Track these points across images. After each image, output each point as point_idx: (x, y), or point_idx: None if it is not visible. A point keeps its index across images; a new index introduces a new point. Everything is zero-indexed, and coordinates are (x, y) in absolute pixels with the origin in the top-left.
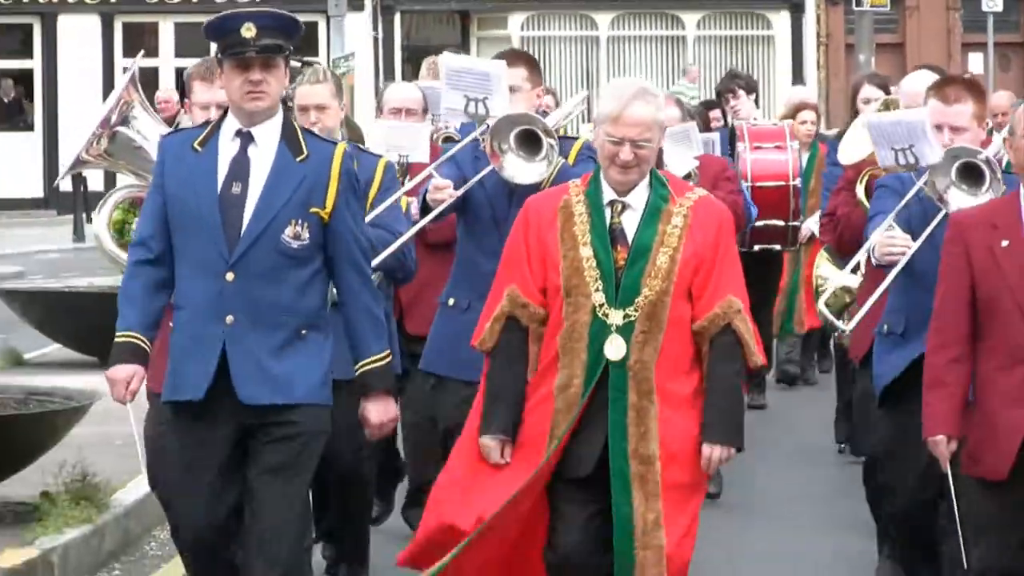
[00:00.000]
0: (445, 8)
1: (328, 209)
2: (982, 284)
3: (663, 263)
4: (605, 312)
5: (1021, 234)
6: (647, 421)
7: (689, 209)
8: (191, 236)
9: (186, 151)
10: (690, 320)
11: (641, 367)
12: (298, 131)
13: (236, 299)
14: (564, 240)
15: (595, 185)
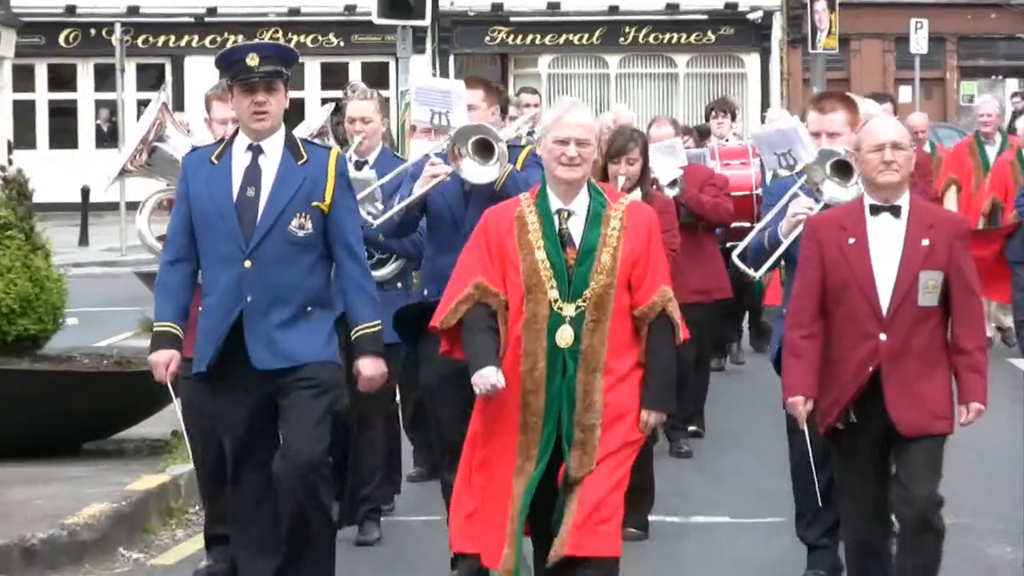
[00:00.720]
0: (488, 51)
1: (327, 203)
2: (832, 275)
3: (606, 261)
4: (560, 306)
5: (865, 234)
6: (592, 395)
7: (624, 213)
8: (213, 235)
9: (204, 165)
10: (630, 307)
11: (591, 351)
12: (298, 141)
13: (254, 281)
14: (521, 245)
15: (543, 197)
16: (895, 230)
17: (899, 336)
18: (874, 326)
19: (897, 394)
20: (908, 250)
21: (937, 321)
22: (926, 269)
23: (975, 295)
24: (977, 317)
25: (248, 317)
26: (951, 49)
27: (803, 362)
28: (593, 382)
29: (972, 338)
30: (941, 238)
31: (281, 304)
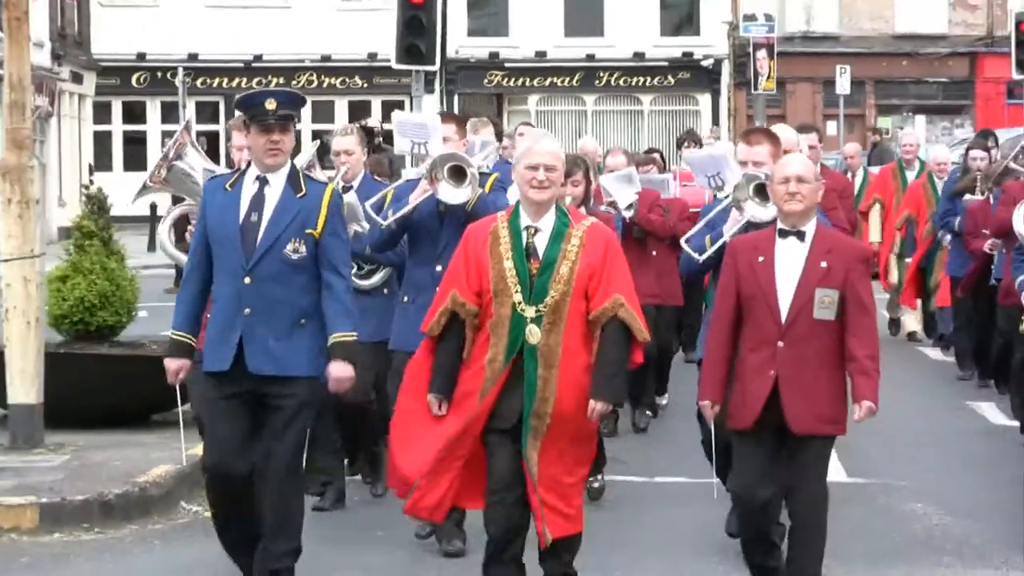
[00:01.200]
0: (486, 92)
1: (318, 230)
2: (744, 289)
3: (564, 272)
4: (522, 308)
5: (772, 254)
6: (548, 388)
7: (584, 233)
8: (222, 250)
9: (219, 191)
10: (586, 313)
11: (548, 349)
12: (300, 176)
13: (251, 295)
14: (493, 256)
15: (516, 215)
16: (799, 252)
17: (795, 344)
18: (774, 334)
19: (792, 396)
20: (808, 270)
21: (833, 333)
22: (822, 287)
23: (868, 312)
24: (869, 330)
25: (246, 327)
26: (870, 90)
27: (715, 371)
28: (550, 377)
29: (863, 347)
30: (839, 262)
31: (276, 317)
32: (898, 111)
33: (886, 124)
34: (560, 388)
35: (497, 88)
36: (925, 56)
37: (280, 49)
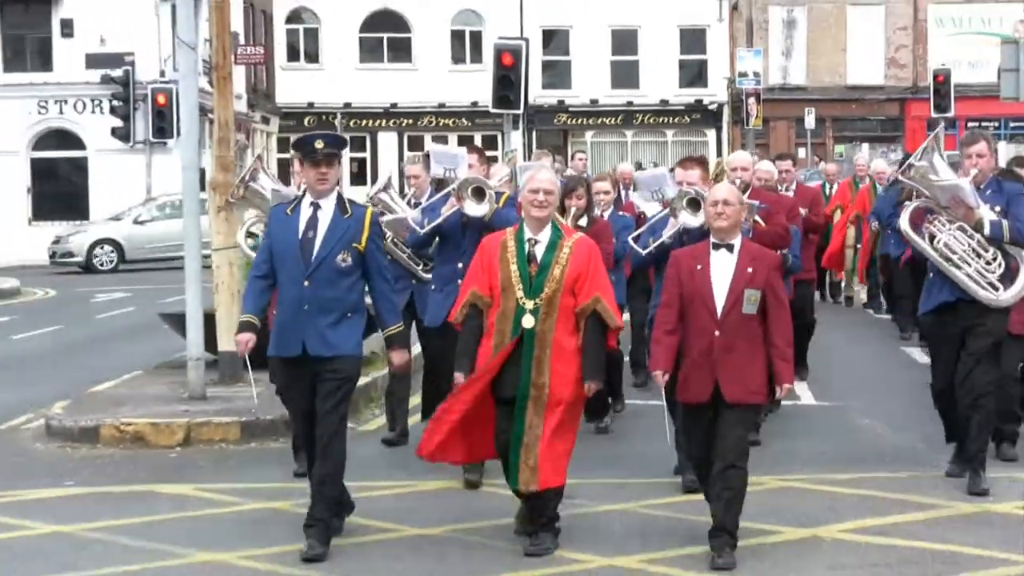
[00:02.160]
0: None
1: (362, 244)
2: (686, 291)
3: (556, 274)
4: (523, 301)
5: (708, 263)
6: (544, 365)
7: (573, 244)
8: (284, 263)
9: (282, 215)
10: (573, 307)
11: (543, 334)
12: (346, 200)
13: (310, 296)
14: (502, 261)
15: (521, 230)
16: (729, 261)
17: (728, 334)
18: (711, 326)
19: (726, 374)
20: (736, 275)
21: (756, 324)
22: (748, 288)
23: (783, 305)
24: (784, 321)
25: (307, 320)
26: (828, 126)
27: (663, 347)
28: (544, 357)
29: (780, 335)
30: (761, 268)
31: (329, 311)
32: (849, 141)
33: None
34: (552, 364)
35: (563, 126)
36: (868, 101)
37: (409, 98)
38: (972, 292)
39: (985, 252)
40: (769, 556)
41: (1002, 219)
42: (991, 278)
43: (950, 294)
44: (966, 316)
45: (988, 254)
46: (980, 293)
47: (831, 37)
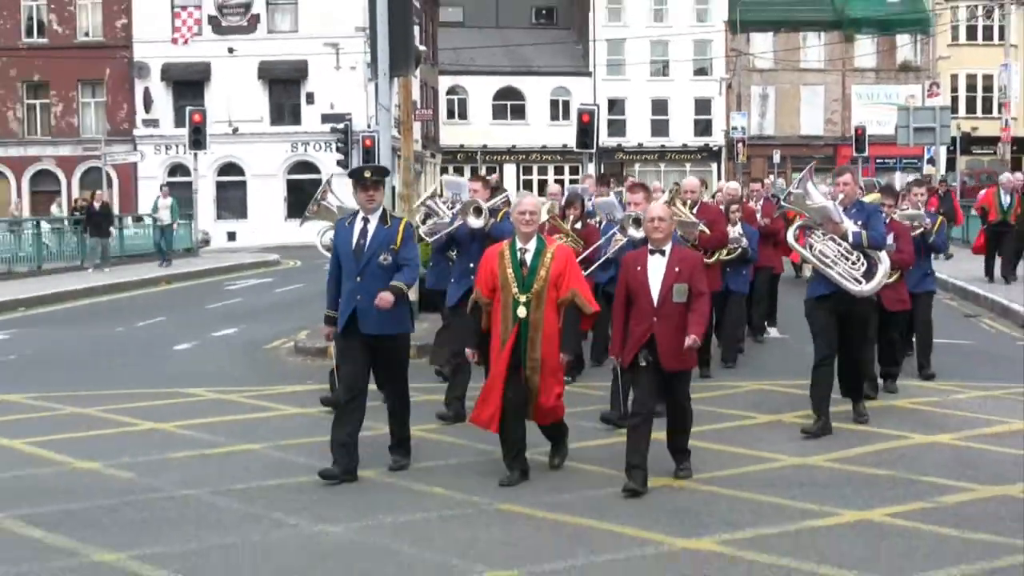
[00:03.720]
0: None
1: (397, 246)
2: (630, 287)
3: (542, 274)
4: (517, 296)
5: (646, 264)
6: (536, 343)
7: (555, 250)
8: (346, 263)
9: (344, 226)
10: (556, 298)
11: (535, 320)
12: (388, 214)
13: (361, 288)
14: (500, 266)
15: (513, 242)
16: (661, 263)
17: (663, 318)
18: (650, 312)
19: (663, 348)
20: (667, 273)
21: (684, 309)
22: (677, 283)
23: (703, 293)
24: (703, 303)
25: (359, 306)
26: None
27: (618, 334)
28: (536, 337)
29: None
30: (686, 267)
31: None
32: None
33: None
34: (543, 343)
35: (620, 160)
36: (812, 145)
37: (523, 143)
38: (843, 286)
39: (851, 255)
40: (749, 432)
41: (862, 230)
42: (856, 275)
43: (827, 288)
44: (840, 304)
45: (853, 256)
46: (848, 286)
47: (789, 105)
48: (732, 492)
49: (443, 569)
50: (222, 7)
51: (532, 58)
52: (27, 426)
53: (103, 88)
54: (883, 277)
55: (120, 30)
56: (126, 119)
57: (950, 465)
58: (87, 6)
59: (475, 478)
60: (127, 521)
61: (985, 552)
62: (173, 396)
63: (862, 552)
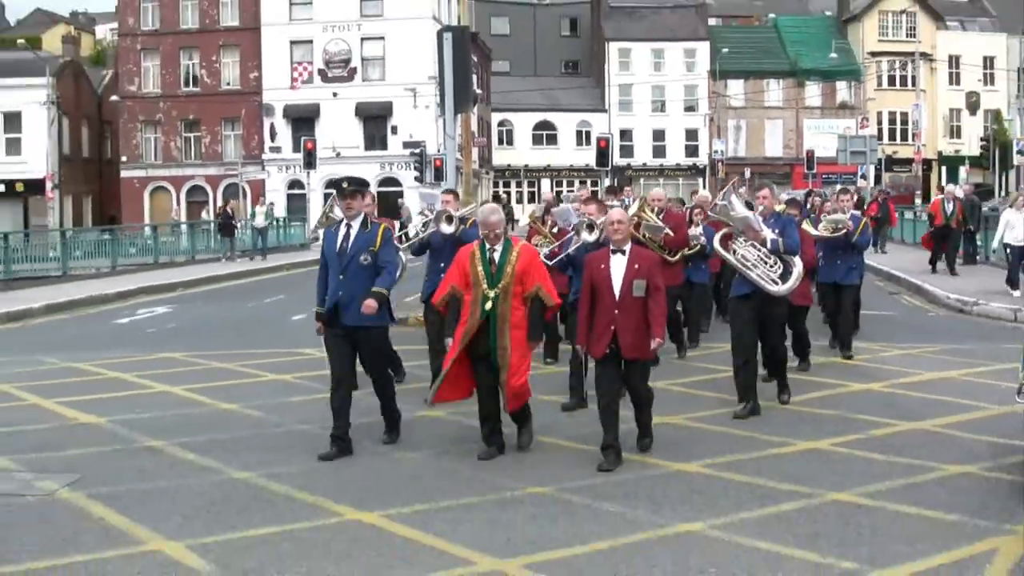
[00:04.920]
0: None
1: (376, 248)
2: (594, 283)
3: (509, 271)
4: (486, 291)
5: (608, 263)
6: (504, 333)
7: (520, 249)
8: (331, 263)
9: (330, 232)
10: (521, 293)
11: (503, 312)
12: (368, 220)
13: (344, 286)
14: (472, 265)
15: (483, 244)
16: (622, 262)
17: (624, 311)
18: (612, 306)
19: (624, 338)
20: (628, 271)
21: (643, 303)
22: (636, 279)
23: (659, 291)
24: (659, 301)
25: (341, 301)
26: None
27: (583, 325)
28: (504, 328)
29: (656, 308)
30: (644, 264)
31: (357, 295)
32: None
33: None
34: (511, 332)
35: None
36: (774, 164)
37: (556, 163)
38: (761, 287)
39: (769, 259)
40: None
41: (779, 238)
42: (773, 276)
43: (748, 288)
44: (758, 302)
45: (771, 260)
46: (767, 287)
47: (756, 134)
48: (713, 428)
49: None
50: (328, 62)
51: (561, 99)
52: (184, 377)
53: (240, 123)
54: (797, 279)
55: (253, 80)
56: (257, 146)
57: (879, 407)
58: (228, 63)
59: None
60: (257, 448)
61: (905, 472)
62: (291, 355)
63: (812, 472)
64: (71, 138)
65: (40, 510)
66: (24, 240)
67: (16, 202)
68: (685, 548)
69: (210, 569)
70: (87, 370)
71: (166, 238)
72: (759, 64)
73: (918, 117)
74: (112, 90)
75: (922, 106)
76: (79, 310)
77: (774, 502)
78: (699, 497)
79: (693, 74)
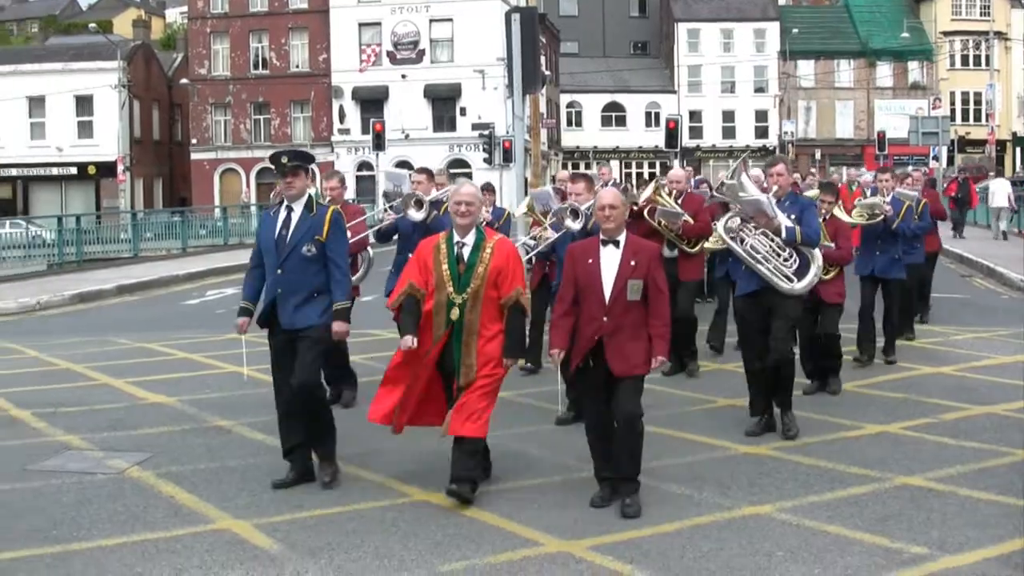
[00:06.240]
0: (695, 158)
1: (323, 237)
2: (579, 281)
3: (480, 271)
4: (453, 296)
5: (598, 257)
6: (471, 348)
7: (494, 245)
8: (268, 255)
9: (268, 216)
10: (497, 298)
11: (470, 323)
12: (314, 202)
13: (283, 281)
14: (436, 262)
15: (451, 234)
16: (615, 255)
17: (614, 318)
18: (600, 312)
19: (612, 352)
20: (622, 267)
21: (640, 308)
22: (632, 278)
23: (662, 292)
24: (663, 305)
25: (279, 301)
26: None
27: (560, 330)
28: (471, 341)
29: (658, 318)
30: (643, 260)
31: (297, 293)
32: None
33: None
34: (479, 348)
35: (699, 157)
36: (845, 145)
37: (625, 144)
38: (773, 283)
39: (783, 251)
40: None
41: (796, 225)
42: (787, 272)
43: (756, 285)
44: (769, 301)
45: (785, 253)
46: (779, 284)
47: (827, 115)
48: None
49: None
50: (397, 44)
51: (630, 80)
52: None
53: (309, 106)
54: (815, 276)
55: (322, 63)
56: (326, 129)
57: (950, 390)
58: (297, 45)
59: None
60: None
61: (974, 456)
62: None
63: (881, 456)
64: (142, 121)
65: (111, 488)
66: (96, 222)
67: (88, 185)
68: (752, 531)
69: (278, 548)
70: (157, 350)
71: (235, 220)
72: (829, 44)
73: (992, 97)
74: (182, 73)
75: (996, 86)
76: (150, 291)
77: (843, 486)
78: (767, 480)
79: (763, 55)
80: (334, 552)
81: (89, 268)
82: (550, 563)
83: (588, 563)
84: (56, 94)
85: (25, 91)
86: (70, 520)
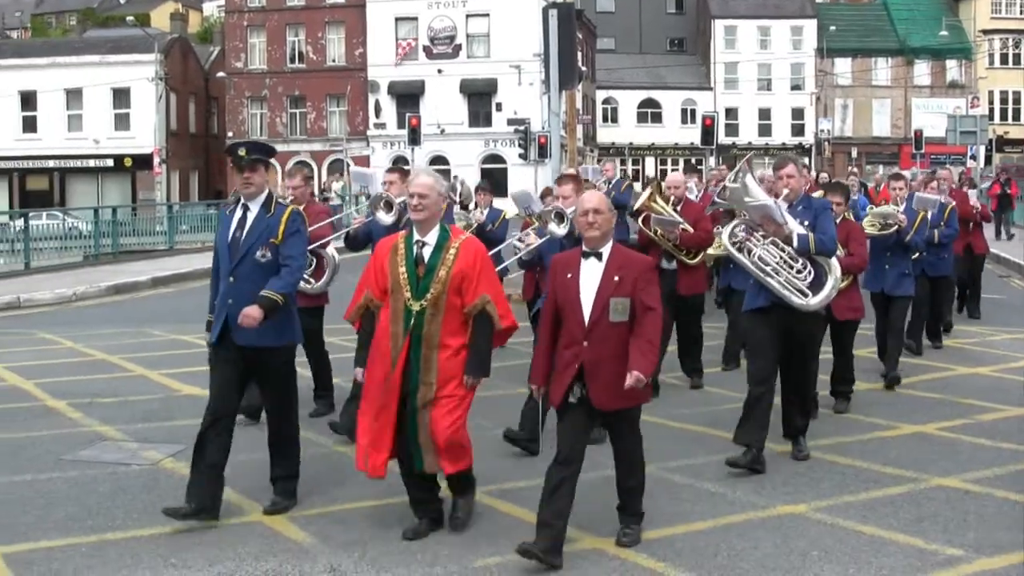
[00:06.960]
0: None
1: (279, 240)
2: (558, 299)
3: (442, 275)
4: (410, 303)
5: (578, 271)
6: (431, 363)
7: (460, 245)
8: (221, 260)
9: (223, 216)
10: (461, 307)
11: (430, 334)
12: (273, 201)
13: (234, 291)
14: (392, 263)
15: (411, 233)
16: (597, 269)
17: (596, 343)
18: (580, 335)
19: (594, 383)
20: (603, 283)
21: (627, 331)
22: (615, 296)
23: (652, 309)
24: (652, 323)
25: (230, 312)
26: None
27: (542, 358)
28: (431, 355)
29: (644, 335)
30: (629, 275)
31: (248, 304)
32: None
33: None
34: (440, 362)
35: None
36: (881, 144)
37: (661, 141)
38: (785, 299)
39: (795, 263)
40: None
41: (809, 232)
42: (801, 285)
43: (766, 300)
44: (782, 319)
45: (798, 264)
46: (792, 299)
47: (864, 113)
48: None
49: None
50: (433, 39)
51: (666, 76)
52: None
53: (345, 100)
54: (833, 288)
55: (358, 57)
56: (362, 123)
57: (986, 391)
58: (334, 39)
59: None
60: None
61: (1011, 457)
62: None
63: (918, 456)
64: (178, 114)
65: (145, 479)
66: (132, 214)
67: (124, 177)
68: (787, 530)
69: (311, 542)
70: (192, 342)
71: None
72: (867, 42)
73: None
74: (219, 66)
75: None
76: (185, 283)
77: (879, 486)
78: (802, 479)
79: (800, 52)
80: (367, 545)
81: (125, 260)
82: (583, 560)
83: (621, 560)
84: (93, 86)
85: (63, 83)
86: (105, 510)
